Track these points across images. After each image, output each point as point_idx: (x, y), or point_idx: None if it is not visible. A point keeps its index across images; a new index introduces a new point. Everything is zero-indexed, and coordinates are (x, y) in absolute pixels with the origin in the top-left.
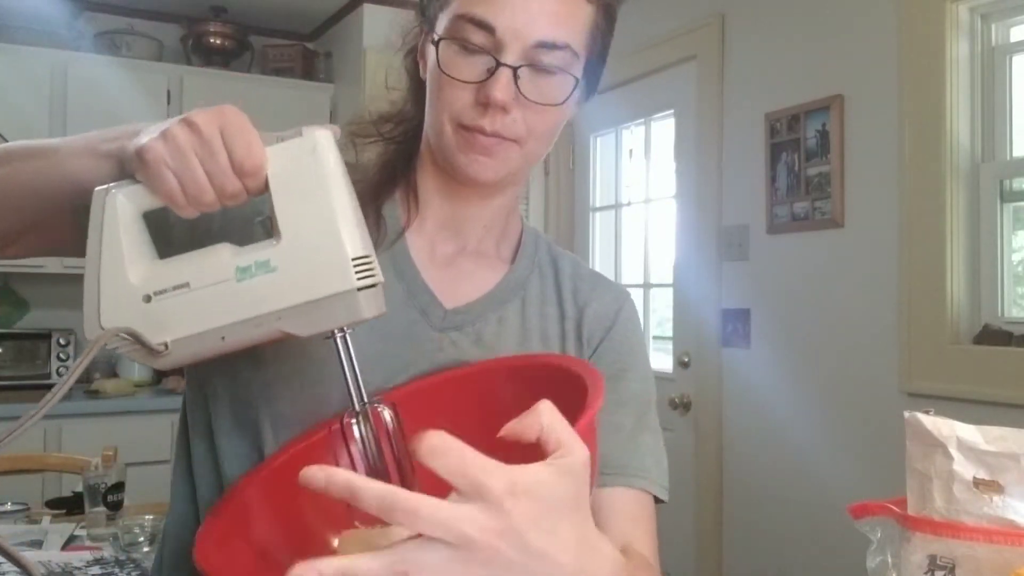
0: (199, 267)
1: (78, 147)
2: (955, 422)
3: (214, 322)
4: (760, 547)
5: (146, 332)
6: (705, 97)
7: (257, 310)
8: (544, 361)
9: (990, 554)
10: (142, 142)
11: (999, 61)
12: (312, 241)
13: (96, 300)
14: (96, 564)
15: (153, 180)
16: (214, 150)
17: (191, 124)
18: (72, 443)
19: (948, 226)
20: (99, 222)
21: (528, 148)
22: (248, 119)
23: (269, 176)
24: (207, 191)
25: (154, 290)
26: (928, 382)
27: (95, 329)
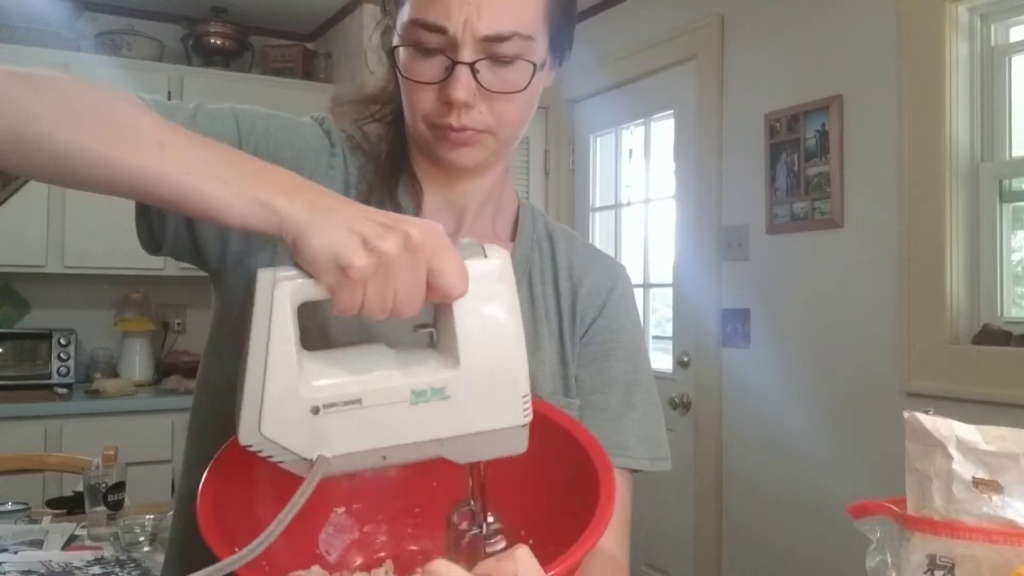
0: (370, 380)
1: (220, 170)
2: (954, 422)
3: (379, 442)
4: (759, 546)
5: (308, 443)
6: (705, 97)
7: (425, 435)
8: (569, 434)
9: (989, 554)
10: (349, 257)
11: (998, 61)
12: (490, 373)
13: (259, 403)
14: (97, 564)
15: (341, 294)
16: (418, 275)
17: (408, 240)
18: (72, 443)
19: (947, 226)
20: (267, 314)
21: (501, 134)
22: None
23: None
24: (388, 309)
25: (324, 403)
26: (927, 382)
27: (254, 436)
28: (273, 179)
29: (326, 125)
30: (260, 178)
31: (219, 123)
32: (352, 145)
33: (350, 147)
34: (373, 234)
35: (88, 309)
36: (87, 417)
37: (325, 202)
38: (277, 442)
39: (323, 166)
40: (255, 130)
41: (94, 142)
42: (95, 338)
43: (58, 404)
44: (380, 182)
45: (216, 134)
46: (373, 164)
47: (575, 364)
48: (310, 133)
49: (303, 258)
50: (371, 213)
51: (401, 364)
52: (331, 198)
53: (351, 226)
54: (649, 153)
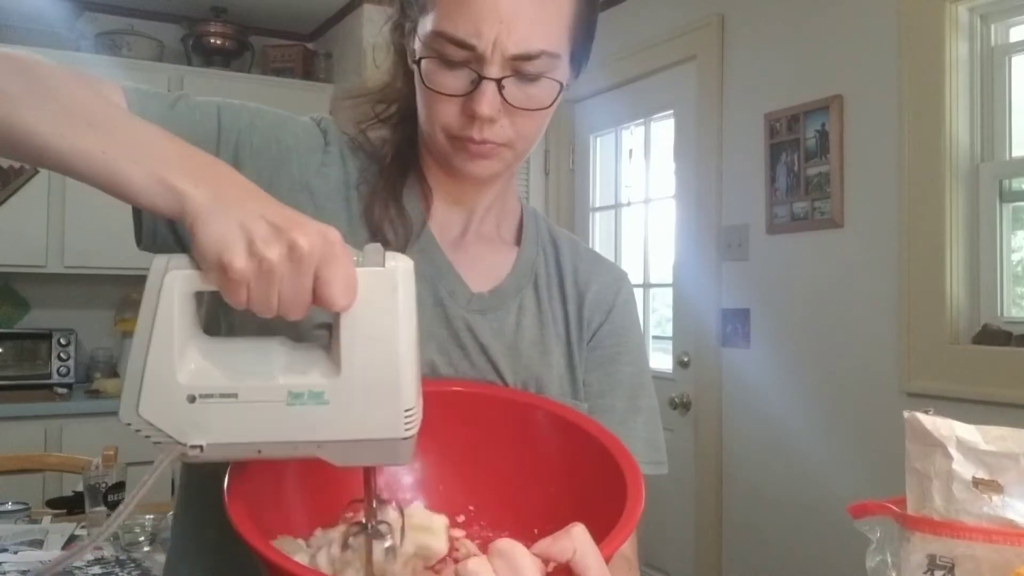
0: (249, 376)
1: (137, 152)
2: (954, 422)
3: (254, 436)
4: (759, 546)
5: (183, 429)
6: (705, 97)
7: (300, 436)
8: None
9: (989, 554)
10: (230, 257)
11: (998, 61)
12: (371, 383)
13: (138, 386)
14: (97, 564)
15: (225, 290)
16: (302, 283)
17: (293, 248)
18: (72, 443)
19: (947, 226)
20: (154, 301)
21: (520, 148)
22: (347, 248)
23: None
24: (272, 311)
25: (200, 392)
26: (927, 382)
27: (131, 415)
28: (189, 163)
29: (323, 124)
30: (175, 161)
31: (199, 114)
32: (354, 146)
33: (351, 148)
34: (261, 237)
35: (88, 309)
36: (87, 417)
37: (230, 193)
38: (152, 423)
39: (315, 164)
40: (238, 122)
41: (31, 118)
42: (95, 338)
43: (58, 404)
44: (384, 184)
45: (192, 125)
46: (377, 166)
47: (582, 368)
48: (302, 131)
49: (194, 248)
50: (272, 211)
51: (288, 364)
52: (239, 190)
53: (244, 224)
54: (649, 153)
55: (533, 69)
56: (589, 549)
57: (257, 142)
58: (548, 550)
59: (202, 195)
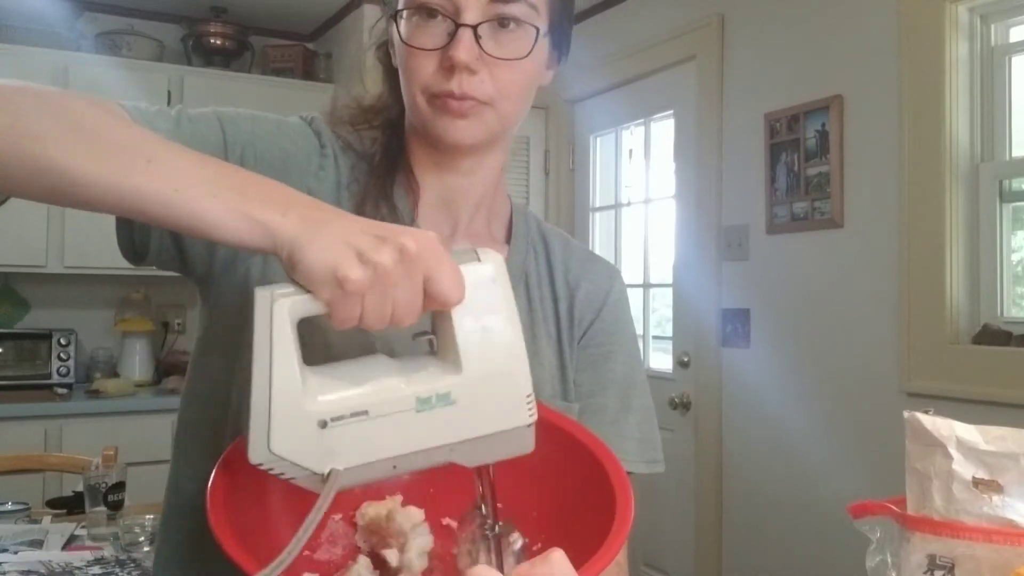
0: (375, 391)
1: (209, 186)
2: (954, 422)
3: (388, 452)
4: (759, 546)
5: (318, 457)
6: (705, 97)
7: (433, 442)
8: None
9: (989, 554)
10: (345, 271)
11: (998, 61)
12: (492, 376)
13: (266, 423)
14: (97, 564)
15: (339, 307)
16: (415, 285)
17: (404, 252)
18: (73, 443)
19: (947, 226)
20: (267, 333)
21: (502, 109)
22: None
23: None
24: (387, 319)
25: (331, 416)
26: (927, 382)
27: (263, 455)
28: (263, 193)
29: (315, 125)
30: (250, 192)
31: (203, 128)
32: (344, 145)
33: (341, 147)
34: (368, 246)
35: (88, 309)
36: (87, 417)
37: (318, 215)
38: (287, 458)
39: (313, 167)
40: (240, 134)
41: (84, 161)
42: (95, 338)
43: (58, 404)
44: (375, 182)
45: (201, 140)
46: (367, 164)
47: (573, 367)
48: (298, 134)
49: (299, 273)
50: (365, 225)
51: (404, 373)
52: (324, 211)
53: (346, 239)
54: (649, 153)
55: (510, 12)
56: (568, 574)
57: (260, 150)
58: (527, 574)
59: (292, 222)
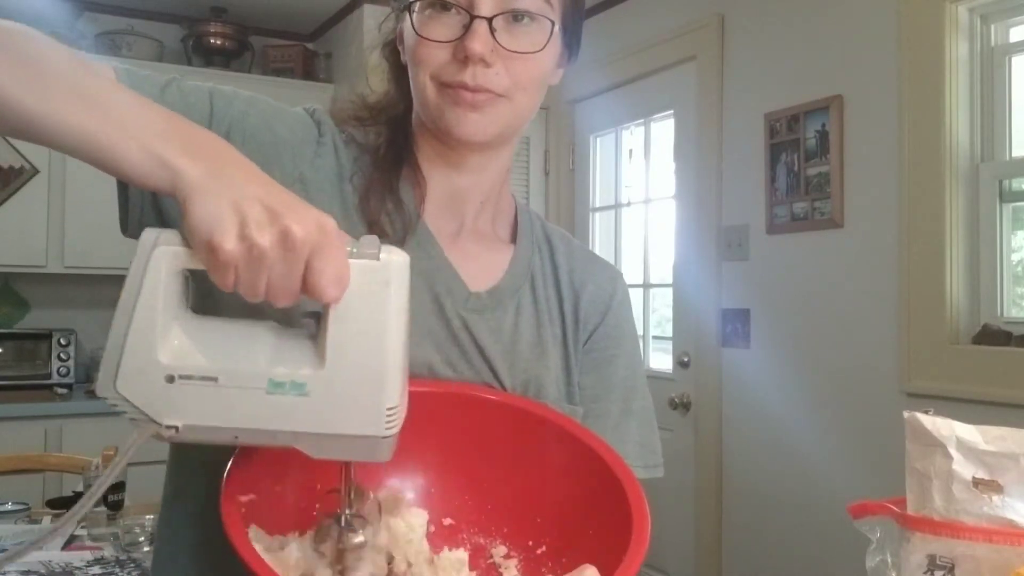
0: (231, 361)
1: (131, 125)
2: (954, 422)
3: (232, 422)
4: (759, 546)
5: (159, 408)
6: (705, 97)
7: (278, 425)
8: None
9: (989, 554)
10: (219, 239)
11: (998, 61)
12: (355, 379)
13: (117, 361)
14: (97, 564)
15: (213, 271)
16: (293, 271)
17: (286, 235)
18: (72, 443)
19: (947, 226)
20: (139, 276)
21: (516, 102)
22: (344, 238)
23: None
24: (259, 296)
25: (179, 373)
26: (927, 382)
27: (108, 390)
28: (186, 138)
29: (317, 116)
30: (171, 135)
31: (191, 98)
32: (347, 139)
33: (344, 140)
34: (254, 220)
35: (88, 309)
36: (87, 417)
37: (228, 171)
38: (129, 400)
39: (308, 155)
40: (231, 110)
41: (17, 89)
42: (95, 338)
43: (58, 404)
44: (379, 176)
45: (185, 108)
46: (370, 157)
47: (578, 370)
48: (296, 122)
49: (185, 226)
50: (269, 194)
51: (272, 351)
52: (238, 169)
53: (237, 204)
54: (649, 153)
55: (525, 6)
56: None
57: (250, 130)
58: None
59: (197, 171)
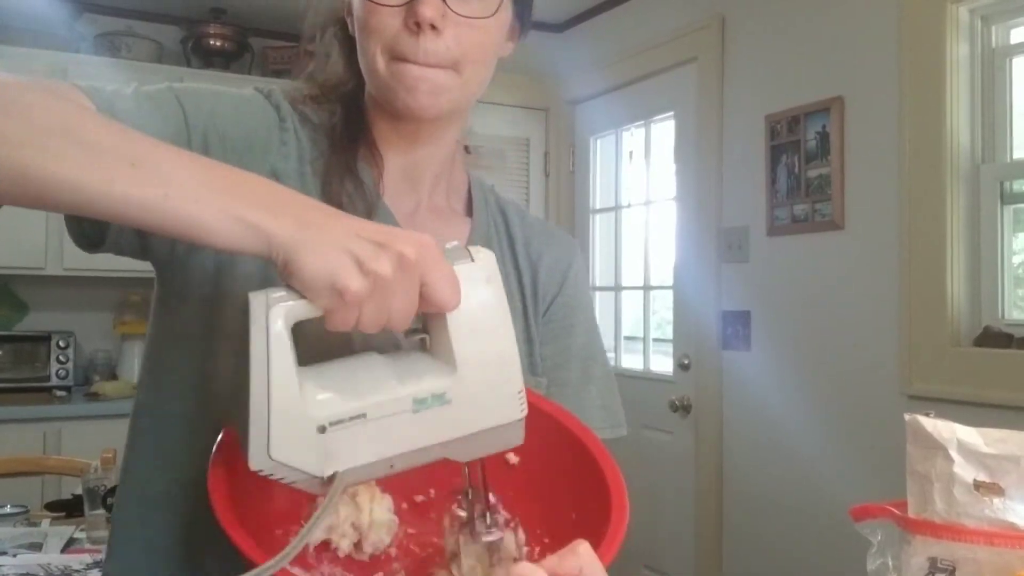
0: (371, 393)
1: (198, 189)
2: (955, 424)
3: (386, 452)
4: (760, 549)
5: (318, 460)
6: (705, 99)
7: (429, 440)
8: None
9: (991, 557)
10: (345, 281)
11: (999, 63)
12: (487, 374)
13: (266, 429)
14: (96, 567)
15: (337, 314)
16: (412, 291)
17: (402, 260)
18: (72, 445)
19: (948, 228)
20: (264, 339)
21: (466, 76)
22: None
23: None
24: (384, 322)
25: (330, 421)
26: (928, 384)
27: (263, 461)
28: (253, 193)
29: (274, 98)
30: (239, 193)
31: (164, 107)
32: (302, 118)
33: (300, 120)
34: (367, 255)
35: (87, 311)
36: (86, 420)
37: (312, 218)
38: (287, 463)
39: (275, 142)
40: (200, 112)
41: (67, 167)
42: (94, 340)
43: (57, 407)
44: (337, 158)
45: (162, 120)
46: (327, 139)
47: (539, 341)
48: (258, 108)
49: (296, 280)
50: (361, 228)
51: (399, 374)
52: (318, 212)
53: (344, 245)
54: (649, 155)
55: None
56: (594, 565)
57: (222, 129)
58: (556, 569)
59: (288, 227)
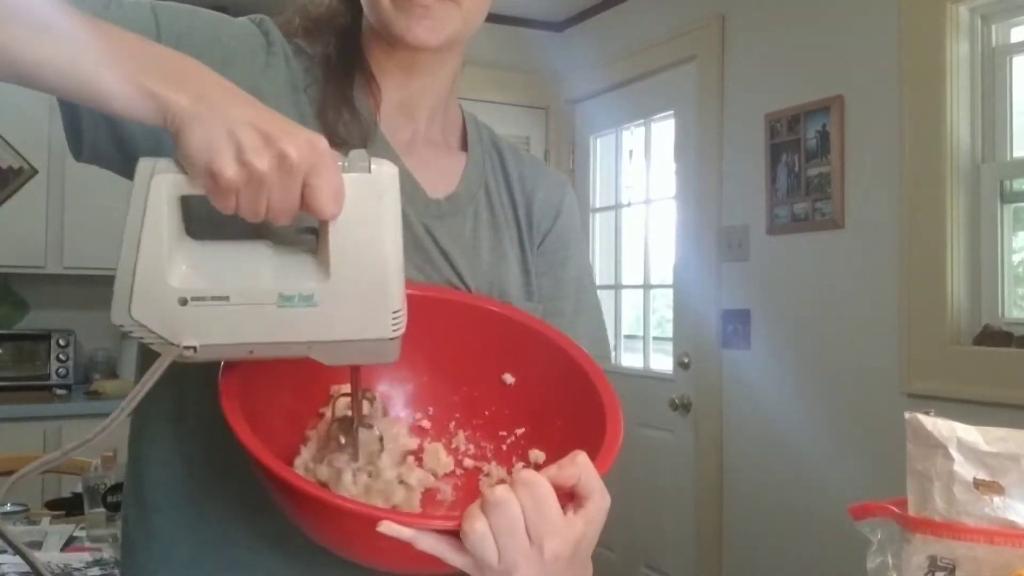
0: (240, 279)
1: (106, 55)
2: (955, 423)
3: (246, 337)
4: (760, 548)
5: (175, 330)
6: (705, 98)
7: (291, 337)
8: (569, 353)
9: (990, 555)
10: (220, 165)
11: (999, 62)
12: (359, 287)
13: (129, 288)
14: (95, 565)
15: (214, 196)
16: (292, 191)
17: (283, 158)
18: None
19: (948, 227)
20: (142, 203)
21: (465, 5)
22: (336, 155)
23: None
24: (260, 217)
25: (192, 295)
26: (928, 383)
27: (124, 317)
28: (167, 66)
29: (264, 26)
30: (152, 64)
31: (133, 13)
32: (295, 49)
33: (293, 51)
34: (250, 146)
35: (87, 310)
36: (86, 418)
37: (214, 97)
38: (145, 325)
39: (259, 65)
40: (175, 25)
41: (3, 39)
42: (94, 339)
43: (57, 405)
44: (333, 87)
45: (129, 25)
46: (322, 68)
47: (534, 271)
48: (242, 31)
49: (180, 154)
50: (256, 116)
51: (276, 267)
52: (223, 92)
53: (231, 131)
54: (649, 154)
55: None
56: (591, 474)
57: (199, 45)
58: (556, 477)
59: (185, 100)
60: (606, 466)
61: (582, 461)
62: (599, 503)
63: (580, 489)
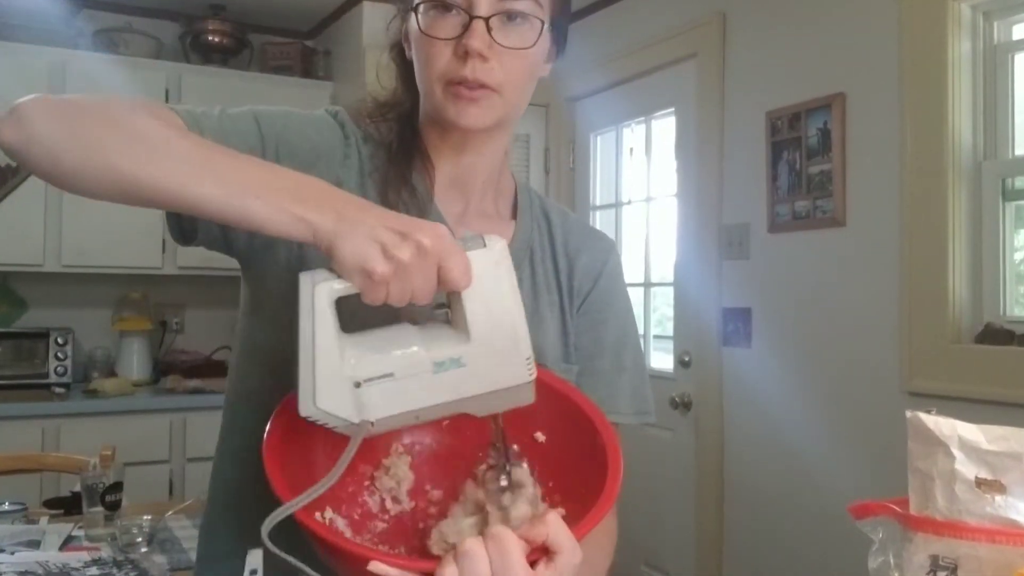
0: (398, 357)
1: (258, 189)
2: (957, 421)
3: (411, 405)
4: (761, 547)
5: (354, 410)
6: (706, 95)
7: (448, 397)
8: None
9: (992, 554)
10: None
11: (1001, 59)
12: (496, 342)
13: (312, 383)
14: (94, 564)
15: (368, 292)
16: (429, 274)
17: (420, 248)
18: (70, 443)
19: (950, 225)
20: (310, 309)
21: (508, 96)
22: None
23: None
24: (407, 299)
25: (364, 378)
26: (930, 381)
27: (311, 409)
28: (302, 191)
29: (340, 117)
30: (293, 192)
31: (242, 125)
32: (364, 135)
33: (362, 137)
34: (391, 243)
35: (86, 308)
36: (85, 417)
37: (350, 212)
38: (329, 412)
39: (339, 157)
40: (274, 128)
41: (152, 170)
42: (93, 337)
43: (56, 404)
44: (394, 170)
45: (242, 136)
46: (385, 152)
47: (574, 332)
48: (324, 126)
49: (335, 263)
50: (389, 220)
51: (423, 341)
52: (355, 207)
53: (373, 235)
54: (650, 151)
55: (518, 7)
56: (561, 532)
57: (292, 144)
58: (527, 533)
59: (329, 219)
60: (585, 530)
61: (551, 519)
62: (568, 558)
63: (550, 544)
